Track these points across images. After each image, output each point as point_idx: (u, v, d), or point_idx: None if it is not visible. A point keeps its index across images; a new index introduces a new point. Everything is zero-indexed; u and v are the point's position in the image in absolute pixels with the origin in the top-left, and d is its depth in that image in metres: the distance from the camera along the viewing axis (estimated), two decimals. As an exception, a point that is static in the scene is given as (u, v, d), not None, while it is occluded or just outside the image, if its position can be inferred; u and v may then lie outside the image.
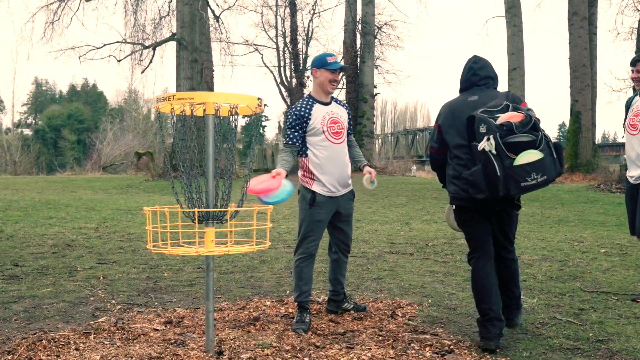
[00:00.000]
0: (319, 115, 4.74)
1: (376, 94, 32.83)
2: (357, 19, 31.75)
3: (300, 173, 4.84)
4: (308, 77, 34.12)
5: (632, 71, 5.65)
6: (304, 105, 4.76)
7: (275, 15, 34.47)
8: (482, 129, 3.99)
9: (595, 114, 25.75)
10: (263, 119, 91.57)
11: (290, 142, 4.72)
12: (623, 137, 5.91)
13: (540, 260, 7.44)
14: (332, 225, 4.89)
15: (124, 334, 4.37)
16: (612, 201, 16.90)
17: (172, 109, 3.89)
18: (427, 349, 4.01)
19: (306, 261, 4.75)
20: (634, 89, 5.76)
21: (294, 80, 33.71)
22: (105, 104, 78.79)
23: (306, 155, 4.75)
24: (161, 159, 32.68)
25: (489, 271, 4.27)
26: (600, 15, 33.45)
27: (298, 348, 4.03)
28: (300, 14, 34.02)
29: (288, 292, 5.75)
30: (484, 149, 3.92)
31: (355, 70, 31.81)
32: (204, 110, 3.90)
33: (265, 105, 3.99)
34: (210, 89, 26.57)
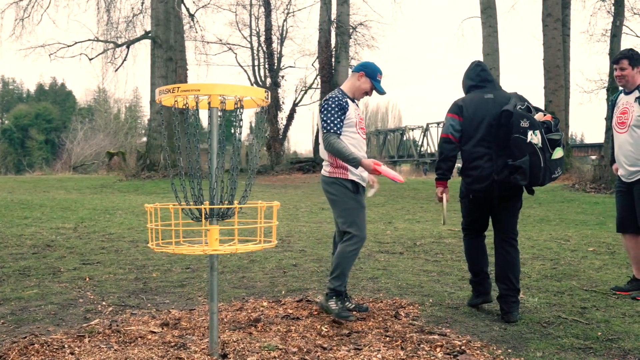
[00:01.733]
0: (352, 108, 4.82)
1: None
2: (332, 19, 31.66)
3: (328, 168, 4.80)
4: (283, 77, 34.01)
5: (615, 69, 5.66)
6: (340, 97, 4.80)
7: (250, 15, 34.34)
8: (525, 124, 4.51)
9: (568, 114, 26.00)
10: (234, 119, 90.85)
11: (336, 129, 4.68)
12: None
13: (532, 259, 7.40)
14: None
15: (120, 337, 4.19)
16: (589, 200, 17.03)
17: (176, 101, 3.71)
18: (438, 349, 3.91)
19: (359, 250, 4.82)
20: (608, 89, 5.74)
21: (268, 80, 33.55)
22: (74, 103, 77.69)
23: None
24: (133, 158, 32.25)
25: (480, 241, 5.07)
26: (574, 17, 33.98)
27: (305, 350, 3.89)
28: (274, 13, 33.90)
29: (283, 292, 5.60)
30: (531, 142, 4.47)
31: (330, 70, 31.71)
32: (209, 103, 3.73)
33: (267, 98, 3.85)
34: (184, 88, 26.23)
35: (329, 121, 4.68)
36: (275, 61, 33.43)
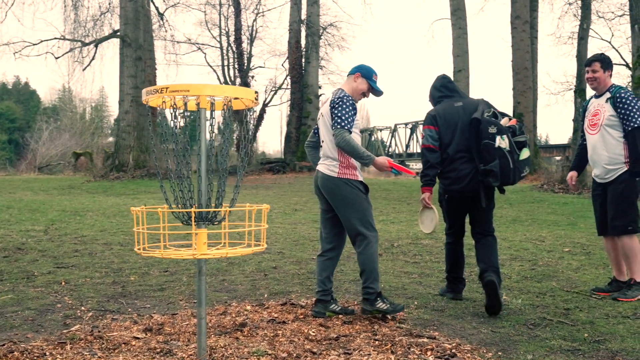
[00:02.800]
0: (357, 110, 4.84)
1: (321, 95, 32.70)
2: (302, 19, 31.61)
3: (336, 168, 4.72)
4: (252, 77, 33.85)
5: (587, 72, 5.72)
6: (352, 97, 4.81)
7: (219, 14, 34.14)
8: (492, 130, 4.94)
9: (536, 115, 26.32)
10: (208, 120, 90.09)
11: (349, 126, 4.64)
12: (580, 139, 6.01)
13: (510, 260, 7.43)
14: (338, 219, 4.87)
15: (103, 343, 4.08)
16: (558, 201, 17.24)
17: (163, 102, 3.62)
18: (429, 353, 3.88)
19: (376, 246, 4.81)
20: (576, 91, 5.80)
21: (238, 80, 33.37)
22: (38, 102, 76.31)
23: None
24: (100, 159, 31.79)
25: (460, 248, 5.50)
26: (541, 20, 34.44)
27: (295, 355, 3.83)
28: (244, 13, 33.72)
29: (266, 295, 5.53)
30: (499, 146, 4.90)
31: (300, 71, 31.67)
32: (197, 104, 3.64)
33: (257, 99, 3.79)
34: (153, 87, 25.94)
35: (344, 117, 4.63)
36: (245, 61, 33.27)
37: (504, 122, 5.03)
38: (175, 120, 3.70)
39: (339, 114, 4.64)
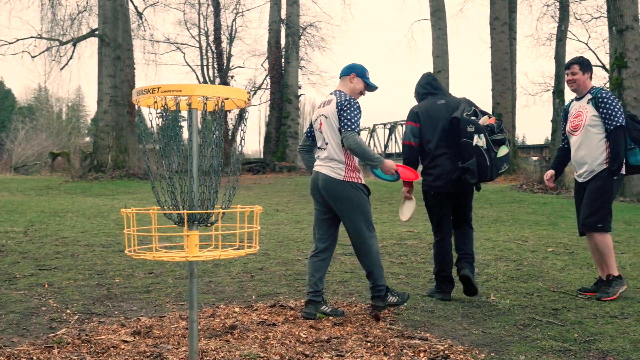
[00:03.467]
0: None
1: (300, 95, 32.66)
2: (282, 19, 31.54)
3: (342, 171, 4.74)
4: (232, 77, 33.69)
5: (567, 74, 5.76)
6: (356, 100, 4.89)
7: (199, 14, 33.96)
8: (471, 129, 5.16)
9: (515, 116, 26.50)
10: (180, 119, 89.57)
11: (358, 129, 4.73)
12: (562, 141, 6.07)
13: (494, 260, 7.46)
14: (337, 218, 4.93)
15: (92, 347, 4.02)
16: (538, 201, 17.36)
17: (155, 102, 3.56)
18: (422, 354, 3.87)
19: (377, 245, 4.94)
20: (554, 92, 5.83)
21: (217, 80, 33.20)
22: (13, 102, 75.29)
23: None
24: (77, 159, 31.45)
25: (448, 243, 5.53)
26: (519, 21, 34.80)
27: (287, 358, 3.80)
28: (224, 12, 33.57)
29: (254, 297, 5.49)
30: (476, 145, 5.11)
31: (280, 71, 31.59)
32: (189, 104, 3.59)
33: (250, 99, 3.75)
34: (132, 87, 25.72)
35: (353, 120, 4.69)
36: (225, 61, 33.11)
37: (483, 120, 5.26)
38: (164, 121, 3.66)
39: (348, 117, 4.68)
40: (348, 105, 4.72)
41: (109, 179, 22.16)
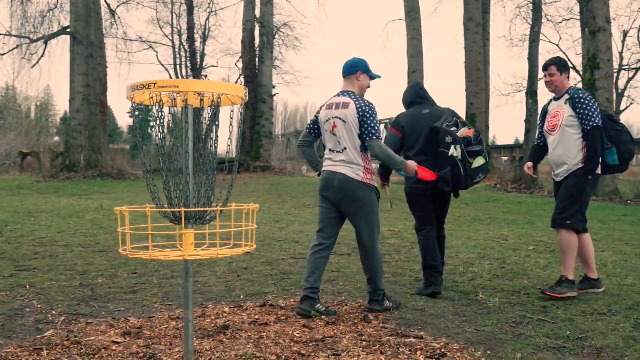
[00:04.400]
0: None
1: (274, 94, 32.56)
2: (256, 18, 31.40)
3: (360, 173, 4.83)
4: (205, 76, 33.48)
5: (545, 75, 5.81)
6: (374, 105, 4.96)
7: (171, 12, 33.69)
8: (448, 139, 5.40)
9: (488, 116, 26.72)
10: (150, 119, 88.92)
11: (380, 135, 4.88)
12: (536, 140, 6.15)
13: (478, 258, 7.49)
14: (343, 218, 5.04)
15: (82, 348, 3.93)
16: (512, 200, 17.55)
17: (151, 97, 3.49)
18: (419, 353, 3.85)
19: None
20: (527, 93, 5.87)
21: (191, 79, 32.94)
22: (-21, 100, 73.98)
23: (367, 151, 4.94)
24: (47, 158, 30.95)
25: (434, 237, 5.70)
26: (493, 22, 35.07)
27: (283, 357, 3.76)
28: (197, 11, 33.34)
29: (242, 296, 5.43)
30: (452, 155, 5.38)
31: (254, 70, 31.45)
32: (185, 100, 3.53)
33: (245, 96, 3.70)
34: (104, 86, 25.44)
35: (377, 127, 4.84)
36: (198, 60, 32.89)
37: (462, 132, 5.52)
38: (162, 117, 3.60)
39: (372, 124, 4.80)
40: (371, 113, 4.81)
41: (82, 179, 21.87)
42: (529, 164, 6.10)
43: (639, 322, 4.68)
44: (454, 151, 5.38)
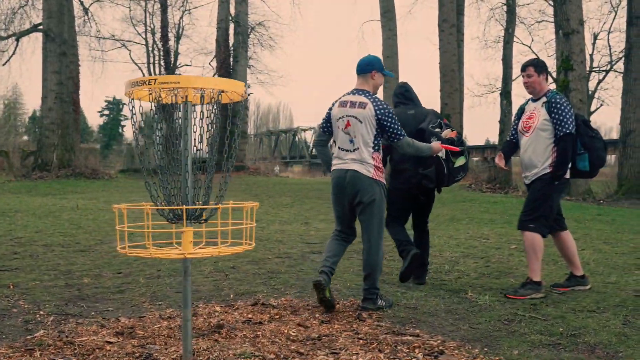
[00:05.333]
0: None
1: (249, 94, 32.42)
2: (230, 18, 31.26)
3: (372, 169, 4.91)
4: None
5: (523, 76, 5.83)
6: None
7: (145, 10, 33.40)
8: (434, 140, 5.55)
9: (462, 117, 26.92)
10: (122, 118, 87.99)
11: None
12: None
13: (462, 257, 7.53)
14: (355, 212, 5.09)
15: (75, 349, 3.87)
16: (488, 200, 17.70)
17: (150, 94, 3.44)
18: (417, 351, 3.86)
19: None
20: (502, 94, 5.93)
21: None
22: (-55, 99, 72.53)
23: (379, 150, 5.06)
24: (17, 157, 30.43)
25: (402, 226, 6.00)
26: (467, 23, 35.30)
27: (282, 356, 3.74)
28: (171, 10, 33.08)
29: (232, 296, 5.39)
30: (436, 155, 5.57)
31: (228, 70, 31.30)
32: (183, 97, 3.49)
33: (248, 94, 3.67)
34: (76, 84, 25.11)
35: (398, 126, 5.00)
36: (172, 59, 32.64)
37: (445, 133, 5.72)
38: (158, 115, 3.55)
39: (395, 125, 4.97)
40: (389, 114, 4.95)
41: (55, 178, 21.55)
42: (501, 154, 6.08)
43: (629, 319, 4.75)
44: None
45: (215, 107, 3.58)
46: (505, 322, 4.63)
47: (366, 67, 5.08)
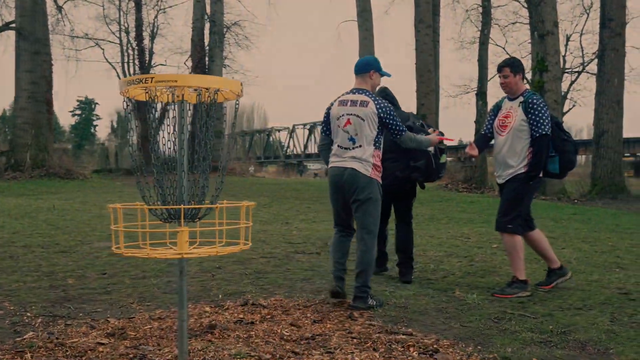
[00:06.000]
0: None
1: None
2: (206, 17, 31.09)
3: (370, 168, 4.97)
4: (155, 75, 32.95)
5: (499, 77, 5.85)
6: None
7: (119, 9, 33.09)
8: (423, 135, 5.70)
9: (438, 117, 27.09)
10: (94, 118, 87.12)
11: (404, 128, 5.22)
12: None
13: (446, 256, 7.58)
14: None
15: (67, 350, 3.82)
16: (465, 200, 17.84)
17: (147, 92, 3.41)
18: (412, 349, 3.87)
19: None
20: (477, 94, 5.98)
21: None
22: None
23: (380, 148, 5.14)
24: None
25: (384, 227, 6.23)
26: (442, 24, 35.44)
27: (277, 356, 3.73)
28: (145, 9, 32.80)
29: (221, 296, 5.36)
30: (427, 150, 5.84)
31: (204, 69, 31.12)
32: (179, 95, 3.46)
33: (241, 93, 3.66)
34: (49, 84, 24.74)
35: (399, 122, 5.12)
36: (147, 58, 32.37)
37: (430, 131, 5.92)
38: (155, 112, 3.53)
39: (396, 122, 5.08)
40: (390, 111, 5.05)
41: (28, 179, 21.22)
42: (473, 144, 6.07)
43: (615, 316, 4.82)
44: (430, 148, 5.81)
45: (209, 106, 3.55)
46: (495, 320, 4.67)
47: (364, 67, 5.18)
